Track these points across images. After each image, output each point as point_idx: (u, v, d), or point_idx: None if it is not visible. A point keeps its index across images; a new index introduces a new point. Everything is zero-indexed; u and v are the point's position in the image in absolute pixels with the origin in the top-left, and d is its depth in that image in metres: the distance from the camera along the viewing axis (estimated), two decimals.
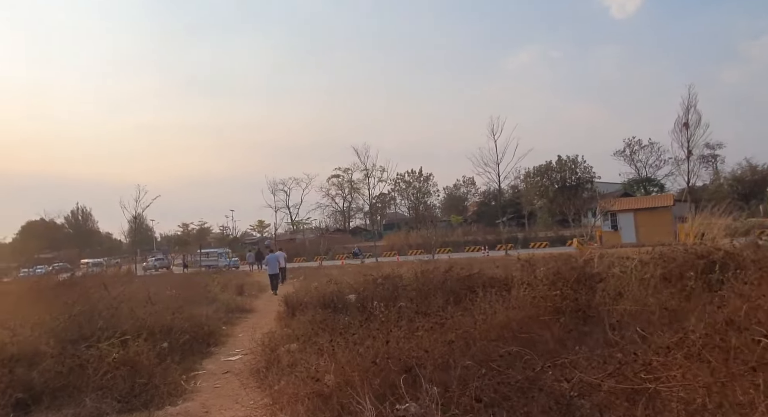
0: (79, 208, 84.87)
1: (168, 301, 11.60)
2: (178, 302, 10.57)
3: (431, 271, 11.25)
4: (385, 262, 32.86)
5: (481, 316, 5.29)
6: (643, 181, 54.84)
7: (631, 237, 28.17)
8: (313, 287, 17.82)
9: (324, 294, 9.86)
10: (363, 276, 13.39)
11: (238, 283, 19.04)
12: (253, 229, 63.86)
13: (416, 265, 21.02)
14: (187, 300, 14.45)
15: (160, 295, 14.31)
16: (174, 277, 28.67)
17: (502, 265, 15.51)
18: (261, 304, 14.76)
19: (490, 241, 42.96)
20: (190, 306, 10.74)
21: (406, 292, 9.05)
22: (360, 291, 10.30)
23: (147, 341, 6.29)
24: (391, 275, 11.30)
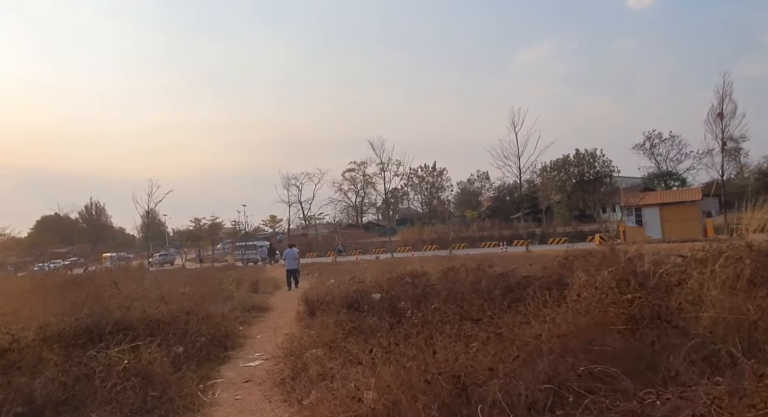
0: (93, 202, 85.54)
1: (182, 299, 11.06)
2: (193, 300, 10.00)
3: (458, 268, 10.62)
4: (401, 257, 32.23)
5: (541, 323, 4.61)
6: (663, 175, 53.44)
7: (657, 232, 27.19)
8: (329, 283, 17.33)
9: (347, 293, 9.22)
10: (384, 273, 12.81)
11: (252, 280, 18.54)
12: (265, 224, 63.55)
13: (438, 261, 20.35)
14: (201, 297, 14.01)
15: (173, 293, 13.86)
16: (187, 272, 28.33)
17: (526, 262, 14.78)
18: (278, 302, 14.21)
19: (507, 237, 42.07)
20: (204, 304, 10.18)
21: (436, 292, 8.39)
22: (385, 290, 9.69)
23: (161, 347, 5.71)
24: (416, 272, 10.68)
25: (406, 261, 24.50)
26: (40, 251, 68.48)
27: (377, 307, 8.55)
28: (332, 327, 7.54)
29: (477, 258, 22.47)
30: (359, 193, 65.69)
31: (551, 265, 9.56)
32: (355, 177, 62.74)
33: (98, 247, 68.21)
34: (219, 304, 12.92)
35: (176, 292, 14.26)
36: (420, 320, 6.68)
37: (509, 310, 5.88)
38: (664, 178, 53.34)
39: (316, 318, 8.96)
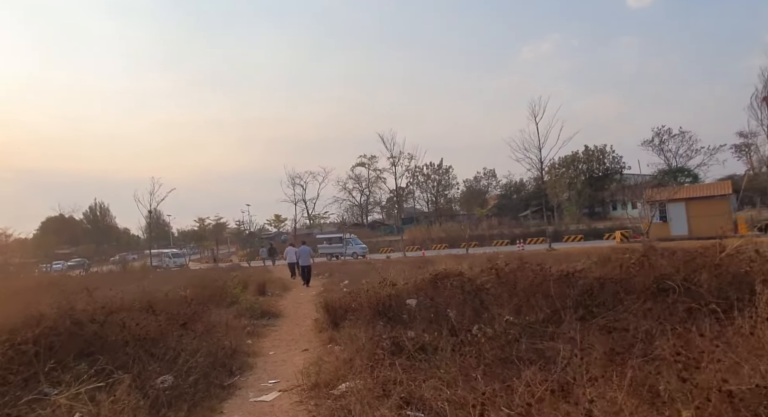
0: (97, 203, 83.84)
1: (179, 305, 9.31)
2: (191, 307, 8.24)
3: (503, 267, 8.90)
4: (413, 256, 30.44)
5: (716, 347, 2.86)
6: (674, 172, 51.61)
7: (683, 229, 25.40)
8: (343, 285, 15.57)
9: (377, 297, 7.45)
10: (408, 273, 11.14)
11: (258, 281, 16.76)
12: (270, 223, 61.80)
13: (458, 259, 18.55)
14: (203, 302, 12.27)
15: (171, 297, 12.13)
16: (191, 273, 26.56)
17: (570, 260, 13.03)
18: (289, 307, 12.44)
19: (517, 235, 40.29)
20: (206, 312, 8.42)
21: (492, 298, 6.62)
22: (423, 294, 7.94)
23: (137, 380, 3.95)
24: (452, 272, 8.94)
25: (423, 260, 22.79)
26: (44, 252, 66.95)
27: (417, 316, 6.79)
28: (366, 343, 5.78)
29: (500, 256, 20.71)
30: (364, 192, 63.92)
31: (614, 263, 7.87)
32: (360, 175, 61.00)
33: (102, 248, 66.48)
34: (223, 310, 11.22)
35: (175, 296, 12.59)
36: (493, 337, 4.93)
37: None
38: (674, 174, 51.49)
39: (342, 330, 7.20)
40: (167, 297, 12.13)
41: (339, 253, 36.97)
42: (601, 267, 7.83)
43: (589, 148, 49.94)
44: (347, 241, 37.74)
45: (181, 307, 8.23)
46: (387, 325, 6.94)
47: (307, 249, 19.01)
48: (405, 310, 7.18)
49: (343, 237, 38.92)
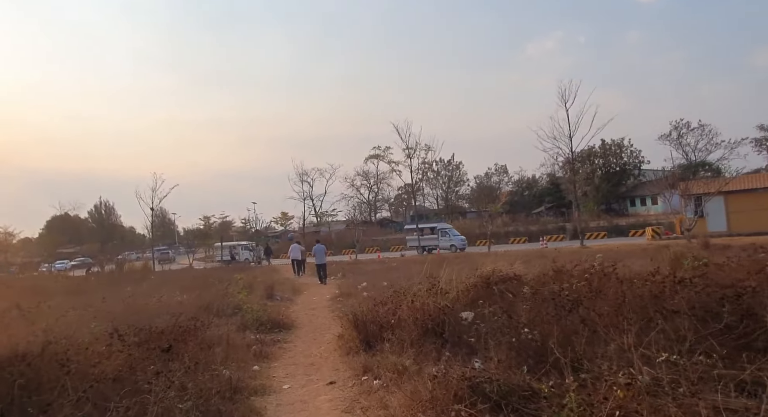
0: (102, 202, 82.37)
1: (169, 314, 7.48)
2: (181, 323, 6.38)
3: (571, 270, 7.03)
4: (430, 255, 28.53)
5: None
6: (694, 166, 49.41)
7: (721, 225, 23.34)
8: (361, 287, 13.68)
9: (424, 309, 5.57)
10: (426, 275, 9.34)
11: (266, 283, 14.93)
12: (276, 221, 60.04)
13: (490, 258, 16.72)
14: (201, 309, 10.44)
15: (164, 304, 10.32)
16: (193, 273, 24.78)
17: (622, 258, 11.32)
18: (302, 314, 10.59)
19: (534, 232, 38.33)
20: (202, 327, 6.55)
21: (591, 314, 4.71)
22: (474, 304, 6.08)
23: None
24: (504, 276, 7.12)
25: (442, 259, 20.90)
26: (49, 251, 65.49)
27: (484, 338, 4.90)
28: (430, 387, 3.87)
29: (533, 254, 18.75)
30: (372, 189, 62.02)
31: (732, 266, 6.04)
32: (368, 172, 59.08)
33: (107, 247, 64.95)
34: (224, 320, 9.38)
35: (171, 301, 10.78)
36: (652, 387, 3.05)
37: None
38: (695, 168, 49.30)
39: (380, 355, 5.34)
40: (159, 301, 10.39)
41: (433, 246, 32.05)
42: (717, 272, 5.91)
43: (605, 143, 47.78)
44: (443, 232, 32.47)
45: (171, 322, 6.36)
46: (441, 349, 5.09)
47: (321, 247, 18.25)
48: (466, 328, 5.30)
49: (436, 227, 33.75)
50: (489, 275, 7.18)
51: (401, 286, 8.14)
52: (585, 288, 5.24)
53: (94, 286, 22.73)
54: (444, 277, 7.78)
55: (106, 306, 10.29)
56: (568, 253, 16.31)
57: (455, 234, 33.01)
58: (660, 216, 36.64)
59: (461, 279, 7.48)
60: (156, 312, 9.81)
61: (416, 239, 33.73)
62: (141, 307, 9.79)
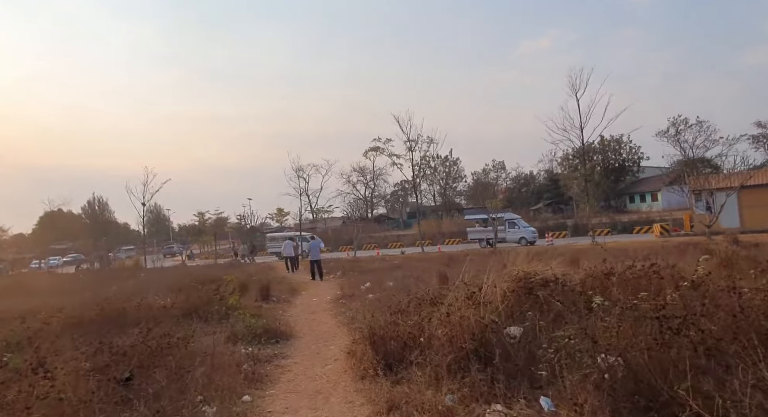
0: (96, 198, 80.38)
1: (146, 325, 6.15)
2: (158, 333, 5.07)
3: (623, 271, 5.89)
4: (432, 252, 27.29)
5: None
6: (693, 162, 48.51)
7: (734, 221, 22.24)
8: (365, 288, 12.38)
9: (465, 325, 4.27)
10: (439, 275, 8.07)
11: (261, 283, 13.59)
12: (272, 217, 58.38)
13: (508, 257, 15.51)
14: (185, 314, 9.12)
15: (145, 308, 8.99)
16: (185, 271, 23.35)
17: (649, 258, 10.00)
18: (301, 319, 9.29)
19: (536, 229, 37.17)
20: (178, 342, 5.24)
21: (700, 334, 3.45)
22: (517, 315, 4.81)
23: None
24: (546, 279, 5.87)
25: (446, 257, 19.62)
26: (41, 248, 63.57)
27: (547, 363, 3.63)
28: None
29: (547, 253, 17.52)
30: (368, 185, 60.64)
31: None
32: (364, 168, 57.68)
33: (101, 243, 63.15)
34: (213, 326, 8.10)
35: (153, 305, 9.43)
36: None
37: None
38: (694, 165, 48.41)
39: (407, 384, 4.05)
40: (140, 305, 9.04)
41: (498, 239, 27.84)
42: None
43: (604, 139, 46.70)
44: (510, 223, 28.08)
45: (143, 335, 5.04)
46: (492, 380, 3.81)
47: (316, 243, 17.83)
48: (515, 349, 4.02)
49: (503, 217, 29.02)
50: (526, 277, 5.92)
51: (421, 290, 6.89)
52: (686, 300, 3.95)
53: (81, 284, 21.34)
54: (465, 278, 6.54)
55: (77, 311, 8.96)
56: (589, 252, 15.10)
57: (524, 225, 28.95)
58: (663, 213, 35.64)
59: (490, 281, 6.23)
60: (133, 319, 8.50)
61: (480, 231, 29.23)
62: (116, 312, 8.45)
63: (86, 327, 8.16)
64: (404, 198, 65.81)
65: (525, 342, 4.31)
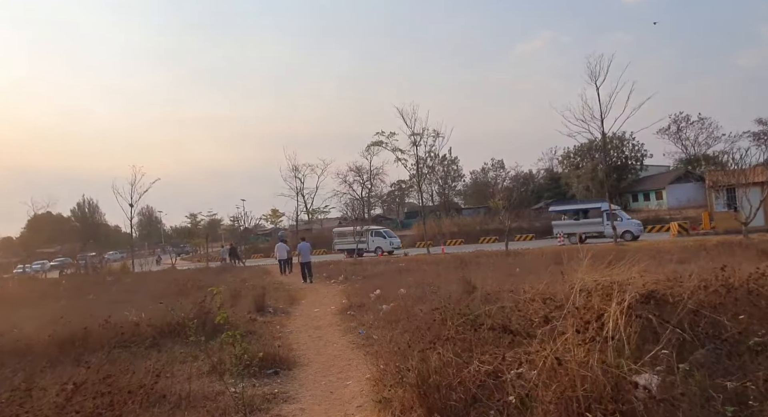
0: (86, 200, 78.06)
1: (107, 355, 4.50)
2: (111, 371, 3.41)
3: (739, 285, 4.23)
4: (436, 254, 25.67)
5: None
6: (696, 160, 47.44)
7: (758, 218, 20.74)
8: (374, 296, 10.73)
9: (575, 376, 2.64)
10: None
11: (256, 290, 11.88)
12: (266, 219, 56.57)
13: (531, 261, 14.07)
14: (163, 333, 7.45)
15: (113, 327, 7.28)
16: (174, 276, 21.54)
17: None
18: (304, 337, 7.62)
19: (539, 229, 35.73)
20: (137, 391, 3.57)
21: None
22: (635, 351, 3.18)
23: None
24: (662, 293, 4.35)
25: (456, 258, 17.97)
26: (28, 251, 61.21)
27: None
28: None
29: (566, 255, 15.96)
30: (365, 185, 58.85)
31: None
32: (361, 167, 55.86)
33: (88, 246, 60.97)
34: (195, 349, 6.43)
35: (123, 322, 7.71)
36: None
37: None
38: (697, 162, 47.33)
39: None
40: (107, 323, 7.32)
41: (592, 232, 24.52)
42: None
43: (606, 136, 45.37)
44: (608, 215, 23.29)
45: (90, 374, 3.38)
46: None
47: (306, 245, 17.26)
48: None
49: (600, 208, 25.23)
50: (650, 295, 4.35)
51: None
52: None
53: (59, 291, 19.52)
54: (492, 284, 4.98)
55: (25, 332, 7.25)
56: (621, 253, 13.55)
57: (627, 216, 25.29)
58: (671, 211, 34.32)
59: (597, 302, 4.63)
60: (95, 341, 6.81)
61: (569, 225, 25.52)
62: (73, 334, 6.75)
63: (35, 353, 6.50)
64: (401, 198, 64.22)
65: (668, 400, 2.70)
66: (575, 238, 23.97)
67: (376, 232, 31.15)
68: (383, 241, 30.13)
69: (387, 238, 30.55)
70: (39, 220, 75.87)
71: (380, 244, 29.89)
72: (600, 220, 24.40)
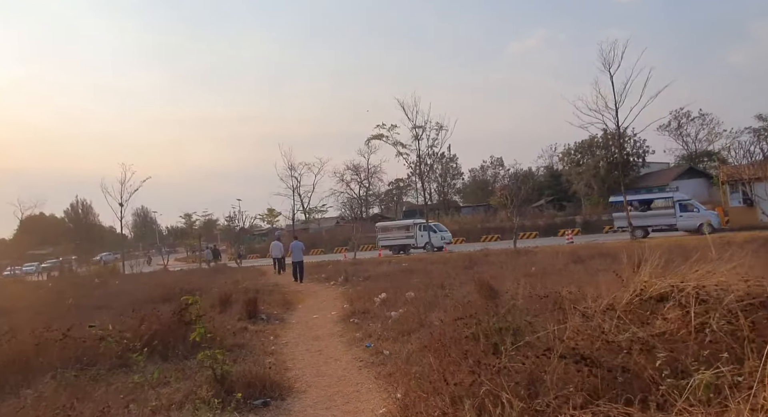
0: (79, 201, 76.40)
1: None
2: None
3: None
4: (440, 253, 24.56)
5: None
6: (698, 156, 46.55)
7: None
8: (379, 300, 9.56)
9: None
10: None
11: (248, 294, 10.70)
12: (262, 218, 55.24)
13: (547, 260, 12.97)
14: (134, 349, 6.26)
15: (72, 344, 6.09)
16: (163, 278, 20.31)
17: None
18: (301, 352, 6.45)
19: (542, 227, 34.74)
20: None
21: None
22: None
23: None
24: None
25: (465, 257, 16.81)
26: (19, 253, 59.62)
27: None
28: None
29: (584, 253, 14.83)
30: (363, 184, 57.73)
31: None
32: (359, 166, 54.78)
33: (81, 247, 59.50)
34: (172, 363, 5.32)
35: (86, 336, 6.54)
36: None
37: None
38: (699, 158, 46.44)
39: None
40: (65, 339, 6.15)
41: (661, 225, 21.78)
42: None
43: (607, 132, 44.36)
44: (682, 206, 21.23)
45: None
46: None
47: (299, 244, 16.88)
48: None
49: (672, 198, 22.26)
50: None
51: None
52: None
53: (41, 294, 18.30)
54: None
55: None
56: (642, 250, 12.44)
57: (702, 207, 22.08)
58: None
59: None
60: (50, 359, 5.65)
61: (633, 217, 22.45)
62: (24, 351, 5.58)
63: None
64: (399, 197, 63.08)
65: None
66: (640, 231, 21.77)
67: (425, 226, 28.13)
68: (433, 236, 27.25)
69: (438, 233, 27.76)
70: (32, 222, 74.37)
71: (430, 240, 27.16)
72: (671, 212, 21.66)
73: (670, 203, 22.10)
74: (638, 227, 22.00)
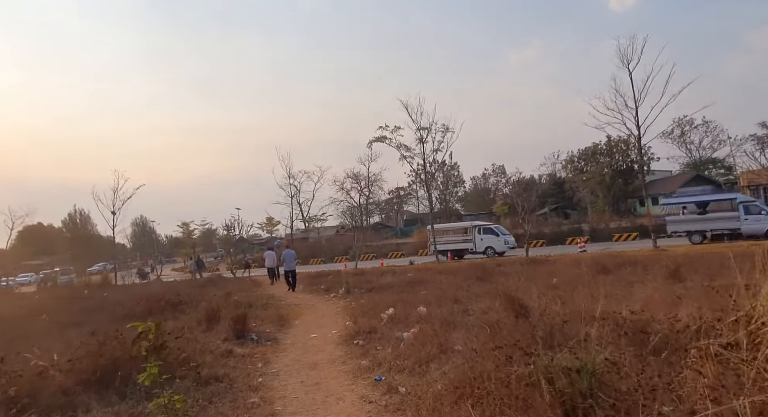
0: (77, 211, 75.13)
1: None
2: None
3: None
4: (446, 263, 23.25)
5: None
6: (703, 163, 45.48)
7: None
8: (384, 313, 8.21)
9: None
10: None
11: (236, 309, 9.37)
12: (261, 227, 53.88)
13: (570, 269, 11.70)
14: (88, 382, 5.01)
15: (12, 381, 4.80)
16: (152, 289, 18.96)
17: None
18: (294, 388, 5.16)
19: (548, 235, 33.43)
20: None
21: None
22: None
23: None
24: None
25: (474, 267, 15.52)
26: (14, 264, 58.15)
27: None
28: None
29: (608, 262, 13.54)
30: (363, 192, 56.51)
31: None
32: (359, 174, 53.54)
33: (80, 258, 58.09)
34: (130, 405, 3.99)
35: (28, 368, 5.26)
36: None
37: None
38: (704, 166, 45.37)
39: None
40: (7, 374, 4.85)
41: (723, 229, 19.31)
42: None
43: (611, 139, 43.41)
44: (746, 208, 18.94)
45: None
46: None
47: (291, 253, 16.63)
48: None
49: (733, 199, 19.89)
50: None
51: None
52: None
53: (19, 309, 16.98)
54: None
55: None
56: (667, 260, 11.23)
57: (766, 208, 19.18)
58: None
59: None
60: None
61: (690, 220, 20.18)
62: None
63: None
64: (399, 205, 61.90)
65: None
66: (698, 236, 19.74)
67: (486, 229, 25.73)
68: (495, 240, 24.82)
69: (500, 236, 25.17)
70: (29, 232, 72.97)
71: (491, 243, 24.73)
72: (735, 215, 19.00)
73: (731, 206, 19.61)
74: (696, 232, 19.95)
